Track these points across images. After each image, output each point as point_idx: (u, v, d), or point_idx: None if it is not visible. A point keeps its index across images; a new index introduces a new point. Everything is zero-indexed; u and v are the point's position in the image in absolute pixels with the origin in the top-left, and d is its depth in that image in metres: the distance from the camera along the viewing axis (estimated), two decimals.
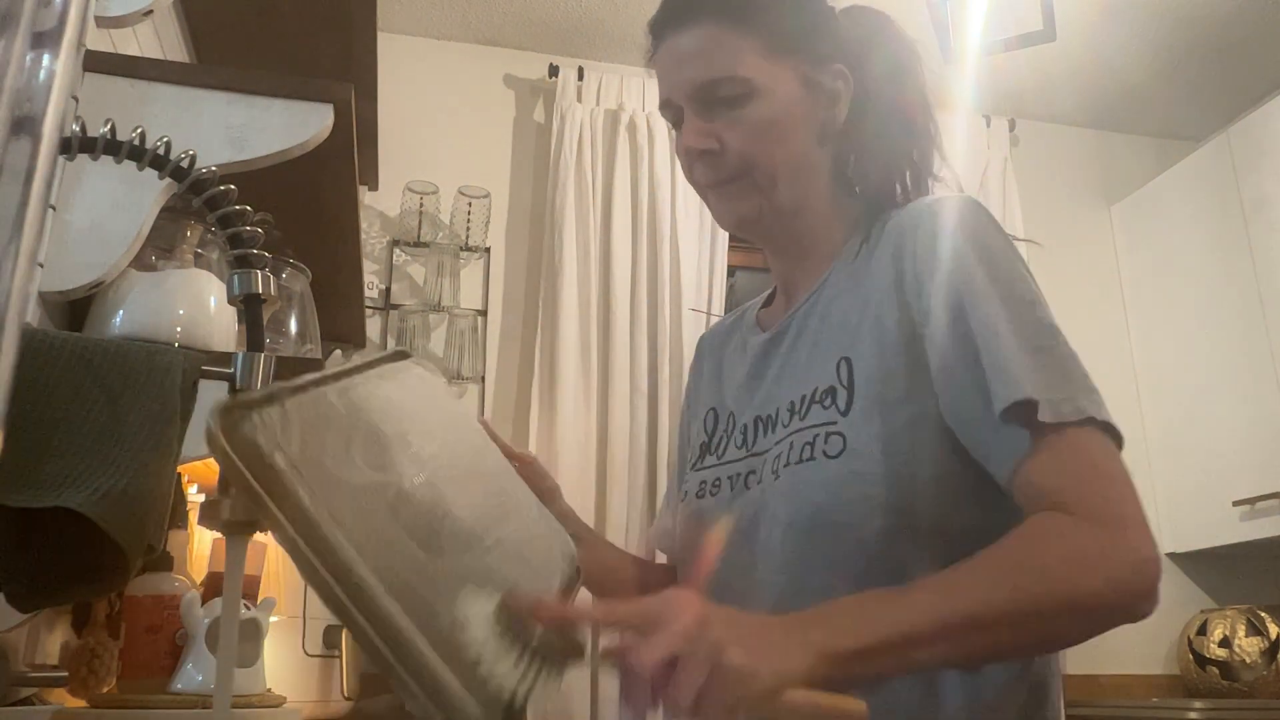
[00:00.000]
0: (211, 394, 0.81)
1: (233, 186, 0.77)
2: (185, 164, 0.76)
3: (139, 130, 0.75)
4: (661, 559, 1.11)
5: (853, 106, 0.91)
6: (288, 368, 1.07)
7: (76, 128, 0.73)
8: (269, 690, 0.99)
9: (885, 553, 0.76)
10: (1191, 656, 2.53)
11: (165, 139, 0.75)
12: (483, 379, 2.49)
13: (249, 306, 0.76)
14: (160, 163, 0.75)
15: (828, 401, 0.82)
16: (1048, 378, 0.72)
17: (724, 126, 0.87)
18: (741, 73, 0.86)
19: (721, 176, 0.89)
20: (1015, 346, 0.74)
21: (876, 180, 0.93)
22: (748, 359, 0.96)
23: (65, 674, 1.00)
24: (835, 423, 0.80)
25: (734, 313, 1.08)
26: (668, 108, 0.92)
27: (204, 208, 0.76)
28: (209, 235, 1.21)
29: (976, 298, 0.76)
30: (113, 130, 0.75)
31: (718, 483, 0.92)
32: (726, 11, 0.88)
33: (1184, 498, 2.69)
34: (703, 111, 0.88)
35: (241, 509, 0.63)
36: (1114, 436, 0.73)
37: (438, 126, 2.65)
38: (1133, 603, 0.67)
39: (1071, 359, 0.75)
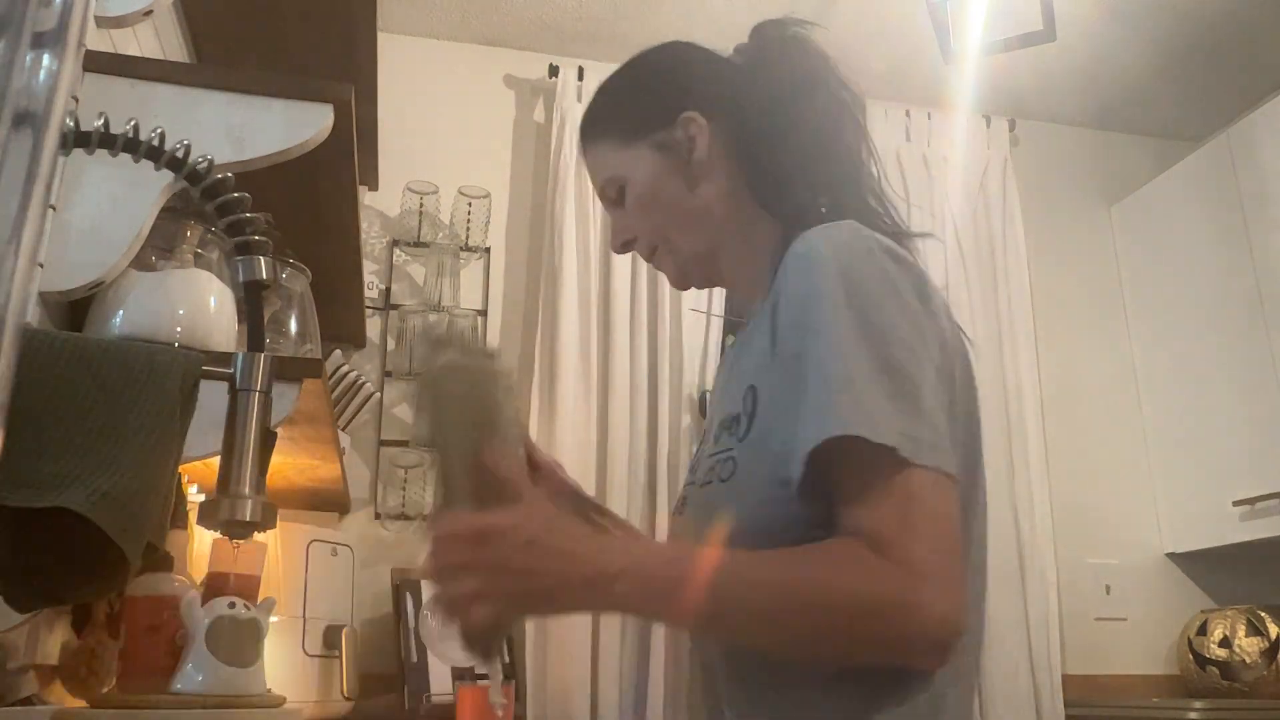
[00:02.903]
0: (212, 394, 0.81)
1: (230, 175, 0.77)
2: (181, 154, 0.76)
3: (132, 122, 0.75)
4: None
5: (731, 137, 0.98)
6: (288, 368, 1.08)
7: (70, 123, 0.73)
8: (269, 690, 0.99)
9: None
10: (1191, 656, 2.53)
11: (159, 129, 0.75)
12: None
13: (250, 295, 0.76)
14: (156, 154, 0.75)
15: (733, 428, 0.87)
16: (885, 412, 0.74)
17: (627, 218, 1.02)
18: (609, 173, 1.01)
19: (644, 254, 1.03)
20: (843, 378, 0.75)
21: (784, 203, 0.96)
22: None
23: (34, 665, 1.00)
24: (731, 449, 0.85)
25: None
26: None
27: (203, 206, 0.76)
28: (209, 235, 1.21)
29: (806, 331, 0.79)
30: (106, 124, 0.75)
31: (682, 500, 0.99)
32: (590, 132, 1.05)
33: (1184, 498, 2.69)
34: (614, 213, 1.04)
35: None
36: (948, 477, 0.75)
37: (438, 126, 2.65)
38: (914, 658, 0.73)
39: (916, 394, 0.76)
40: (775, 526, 0.78)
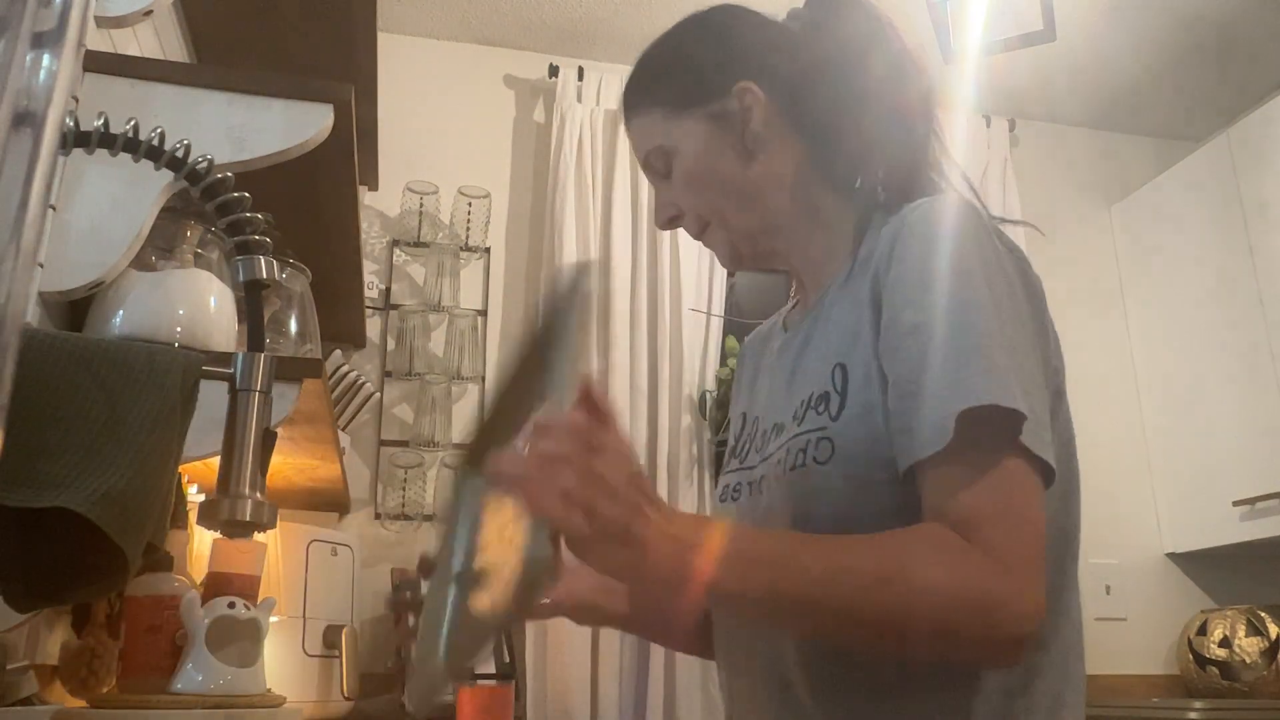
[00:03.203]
0: (212, 394, 0.81)
1: (230, 175, 0.77)
2: (181, 154, 0.75)
3: (132, 122, 0.75)
4: None
5: (791, 108, 0.92)
6: (288, 368, 1.08)
7: (70, 123, 0.73)
8: (269, 690, 0.99)
9: None
10: (1191, 656, 2.53)
11: (159, 129, 0.75)
12: (483, 379, 2.49)
13: (250, 295, 0.75)
14: (156, 153, 0.75)
15: (821, 407, 0.82)
16: (1014, 387, 0.72)
17: (674, 191, 0.96)
18: (656, 144, 0.95)
19: (693, 232, 0.97)
20: (953, 358, 0.73)
21: (855, 177, 0.93)
22: (772, 362, 0.99)
23: (31, 664, 1.00)
24: (825, 428, 0.80)
25: (776, 314, 1.09)
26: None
27: (203, 206, 0.76)
28: (209, 235, 1.21)
29: (930, 303, 0.76)
30: (106, 124, 0.75)
31: (738, 487, 0.93)
32: (635, 99, 0.98)
33: (1184, 498, 2.69)
34: (659, 185, 0.97)
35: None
36: (1040, 470, 0.72)
37: (438, 126, 2.65)
38: (992, 655, 0.70)
39: (1032, 379, 0.75)
40: (887, 510, 0.75)
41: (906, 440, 0.74)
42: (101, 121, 0.75)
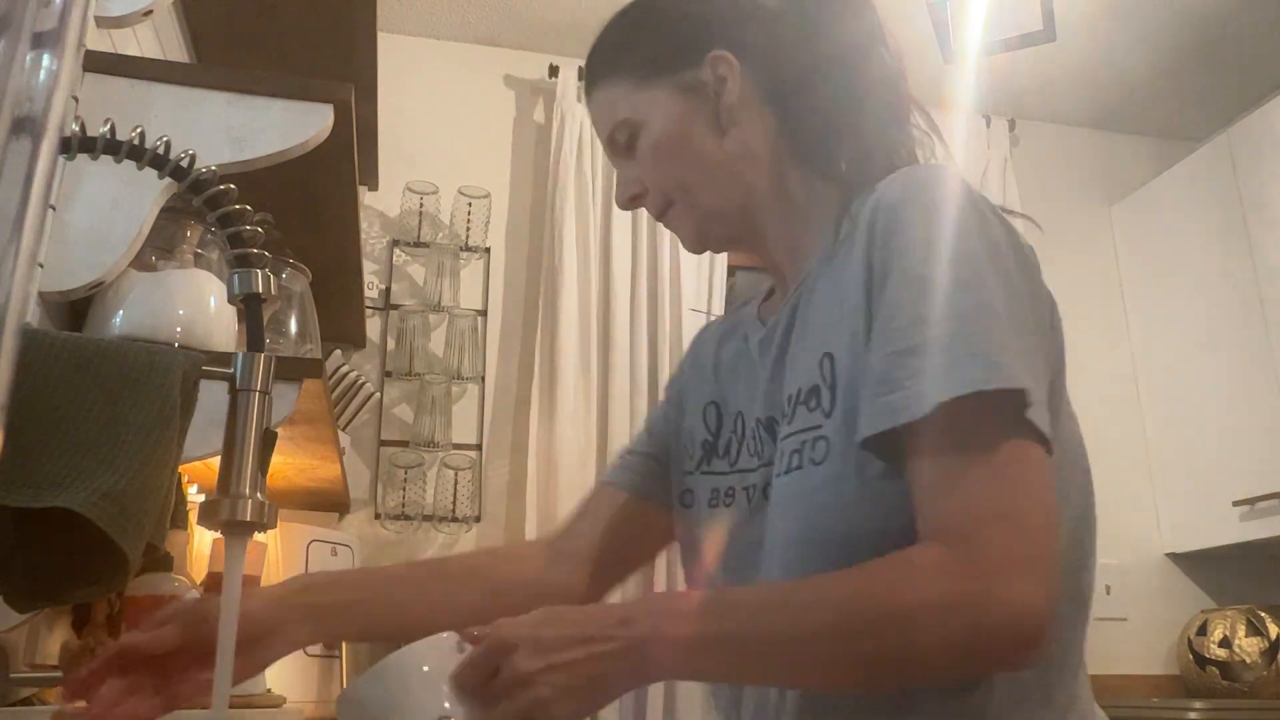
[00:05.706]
0: (212, 394, 0.81)
1: (232, 186, 0.77)
2: (185, 163, 0.75)
3: (138, 130, 0.75)
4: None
5: (764, 80, 0.87)
6: (288, 368, 1.08)
7: (76, 127, 0.73)
8: (269, 690, 0.99)
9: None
10: (1191, 656, 2.53)
11: (165, 138, 0.75)
12: (483, 379, 2.49)
13: (249, 306, 0.75)
14: (160, 162, 0.75)
15: (813, 403, 0.76)
16: (962, 371, 0.66)
17: (637, 169, 0.90)
18: (621, 116, 0.89)
19: (655, 211, 0.91)
20: (939, 337, 0.68)
21: (839, 156, 0.86)
22: (751, 356, 0.92)
23: (61, 674, 1.00)
24: (820, 426, 0.75)
25: (733, 310, 1.02)
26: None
27: (204, 207, 0.76)
28: (209, 235, 1.21)
29: (912, 286, 0.71)
30: (112, 130, 0.74)
31: (731, 492, 0.88)
32: (599, 70, 0.92)
33: (1184, 498, 2.69)
34: (621, 163, 0.92)
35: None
36: (1038, 436, 0.66)
37: (438, 126, 2.65)
38: (999, 661, 0.65)
39: (1034, 354, 0.70)
40: (881, 512, 0.70)
41: (892, 399, 0.67)
42: (108, 128, 0.75)
